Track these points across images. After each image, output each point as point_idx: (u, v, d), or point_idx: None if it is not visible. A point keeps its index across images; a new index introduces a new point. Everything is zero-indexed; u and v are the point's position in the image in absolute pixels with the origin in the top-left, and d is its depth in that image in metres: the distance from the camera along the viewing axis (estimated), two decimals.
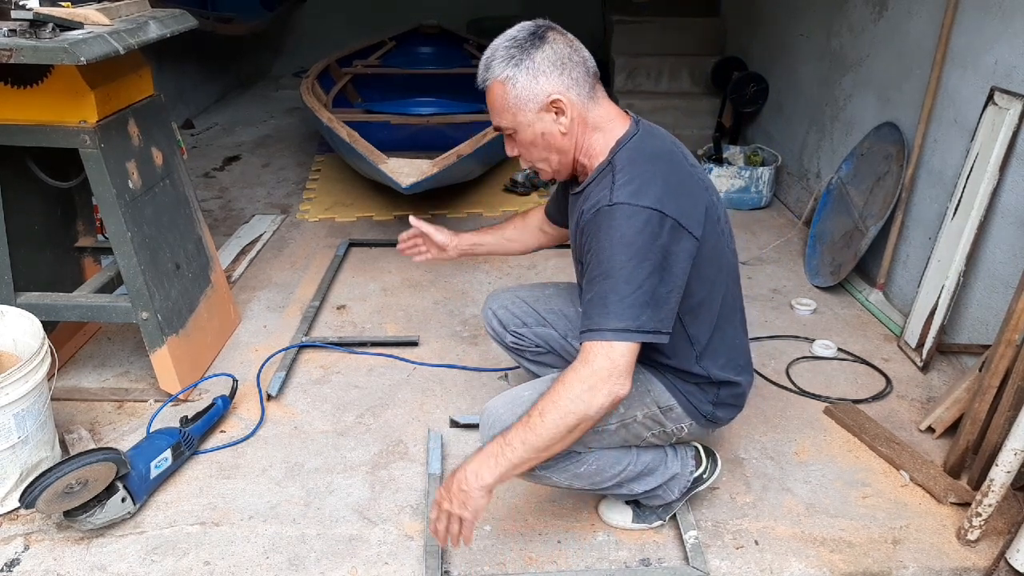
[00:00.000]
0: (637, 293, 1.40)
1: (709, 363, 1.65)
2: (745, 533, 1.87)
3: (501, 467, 1.42)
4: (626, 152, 1.51)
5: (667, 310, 1.45)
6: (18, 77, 2.01)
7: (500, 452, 1.42)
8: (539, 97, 1.48)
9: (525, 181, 4.25)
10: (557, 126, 1.51)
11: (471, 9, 7.13)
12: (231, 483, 2.01)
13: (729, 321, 1.70)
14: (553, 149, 1.55)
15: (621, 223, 1.42)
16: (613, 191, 1.45)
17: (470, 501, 1.43)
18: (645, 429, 1.68)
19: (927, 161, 2.83)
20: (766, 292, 3.14)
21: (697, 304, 1.58)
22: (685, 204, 1.47)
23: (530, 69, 1.47)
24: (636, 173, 1.47)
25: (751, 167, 4.06)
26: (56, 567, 1.74)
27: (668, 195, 1.45)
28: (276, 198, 4.13)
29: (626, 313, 1.40)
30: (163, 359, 2.28)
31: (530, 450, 1.41)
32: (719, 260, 1.60)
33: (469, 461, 1.45)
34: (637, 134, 1.54)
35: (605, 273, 1.42)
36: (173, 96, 5.42)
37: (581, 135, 1.54)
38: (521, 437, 1.41)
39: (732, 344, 1.71)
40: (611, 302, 1.41)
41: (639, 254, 1.41)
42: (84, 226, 2.61)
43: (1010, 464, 1.74)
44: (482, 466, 1.43)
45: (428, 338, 2.74)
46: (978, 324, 2.47)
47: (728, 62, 4.93)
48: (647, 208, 1.42)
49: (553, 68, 1.47)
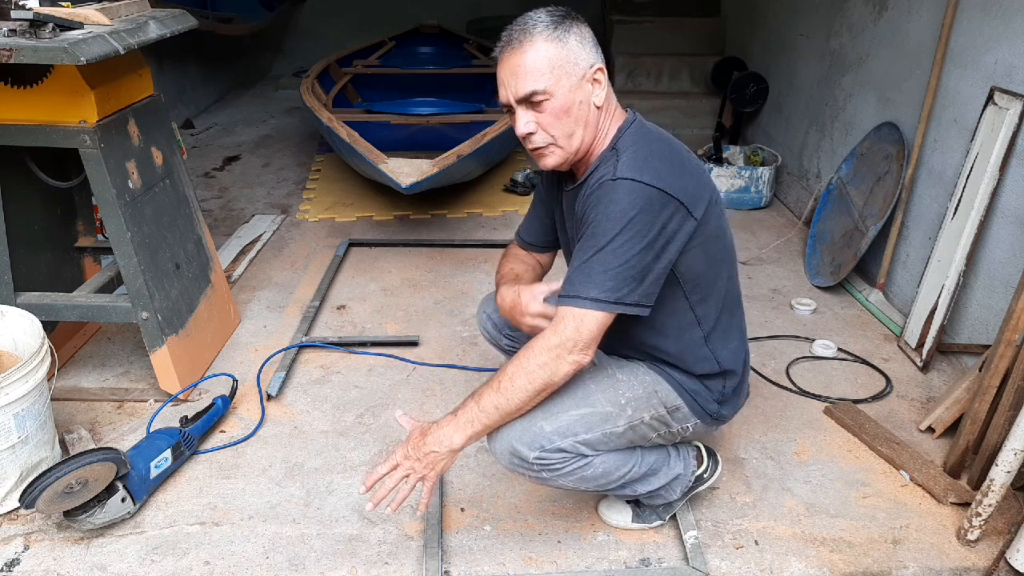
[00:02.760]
0: (624, 267, 1.43)
1: (718, 345, 1.66)
2: (745, 533, 1.87)
3: (474, 430, 1.50)
4: (629, 136, 1.54)
5: (652, 286, 1.48)
6: (18, 77, 2.01)
7: (474, 417, 1.49)
8: (584, 65, 1.48)
9: (525, 181, 4.25)
10: (595, 98, 1.52)
11: (471, 9, 7.13)
12: (231, 483, 2.01)
13: (736, 303, 1.72)
14: (582, 123, 1.51)
15: (622, 196, 1.43)
16: (617, 167, 1.47)
17: (439, 462, 1.51)
18: (651, 430, 1.68)
19: (927, 161, 2.83)
20: (766, 292, 3.14)
21: (706, 284, 1.59)
22: (688, 184, 1.49)
23: (579, 36, 1.48)
24: (641, 152, 1.49)
25: (751, 167, 4.06)
26: (56, 567, 1.74)
27: (672, 174, 1.47)
28: (276, 198, 4.13)
29: (608, 284, 1.43)
30: (163, 359, 2.28)
31: (503, 415, 1.50)
32: (724, 239, 1.62)
33: (440, 425, 1.51)
34: (635, 121, 1.58)
35: (597, 244, 1.44)
36: (173, 96, 5.42)
37: (607, 114, 1.56)
38: (494, 402, 1.49)
39: (740, 328, 1.73)
40: (595, 272, 1.44)
41: (634, 229, 1.42)
42: (84, 226, 2.61)
43: (1010, 464, 1.74)
44: (456, 431, 1.50)
45: (428, 338, 2.74)
46: (978, 324, 2.47)
47: (728, 62, 4.94)
48: (649, 185, 1.43)
49: (594, 43, 1.51)
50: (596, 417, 1.59)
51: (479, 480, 2.03)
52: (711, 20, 5.59)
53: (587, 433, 1.58)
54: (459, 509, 1.94)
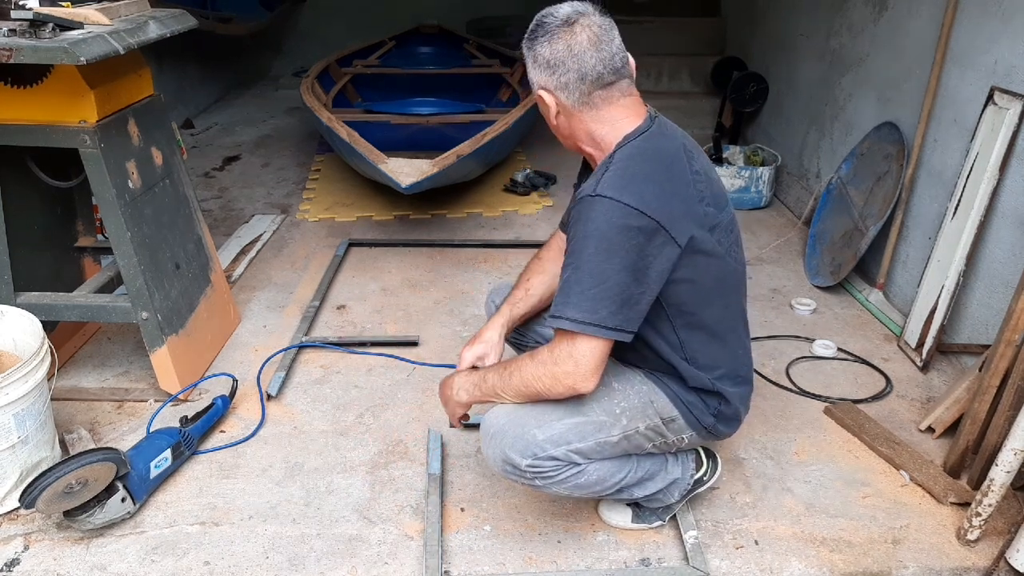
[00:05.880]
0: (600, 288, 1.41)
1: (703, 372, 1.64)
2: (745, 533, 1.87)
3: (475, 395, 1.65)
4: (627, 149, 1.51)
5: (635, 310, 1.46)
6: (18, 77, 2.01)
7: (480, 384, 1.64)
8: (536, 82, 1.56)
9: (525, 181, 4.25)
10: (547, 109, 1.57)
11: (471, 9, 7.13)
12: (231, 483, 2.01)
13: (731, 330, 1.69)
14: (560, 133, 1.62)
15: (598, 215, 1.42)
16: (600, 182, 1.44)
17: (450, 404, 1.71)
18: (647, 440, 1.67)
19: (927, 161, 2.83)
20: (766, 292, 3.14)
21: (691, 312, 1.57)
22: (675, 208, 1.46)
23: (532, 55, 1.54)
24: (628, 170, 1.46)
25: (751, 167, 4.06)
26: (56, 567, 1.74)
27: (656, 197, 1.43)
28: (276, 198, 4.13)
29: (585, 306, 1.42)
30: (163, 359, 2.28)
31: (498, 395, 1.61)
32: (720, 269, 1.58)
33: (462, 376, 1.69)
34: (646, 132, 1.53)
35: (575, 263, 1.44)
36: (173, 96, 5.42)
37: (568, 127, 1.59)
38: (493, 381, 1.61)
39: (732, 355, 1.69)
40: (573, 292, 1.43)
41: (610, 250, 1.41)
42: (84, 226, 2.61)
43: (1010, 464, 1.74)
44: (463, 387, 1.67)
45: (428, 338, 2.74)
46: (978, 324, 2.47)
47: (728, 62, 4.94)
48: (628, 206, 1.41)
49: (547, 67, 1.51)
50: (590, 426, 1.59)
51: (479, 480, 2.03)
52: (711, 20, 5.59)
53: (580, 442, 1.57)
54: (459, 509, 1.94)
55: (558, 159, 4.60)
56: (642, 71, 5.58)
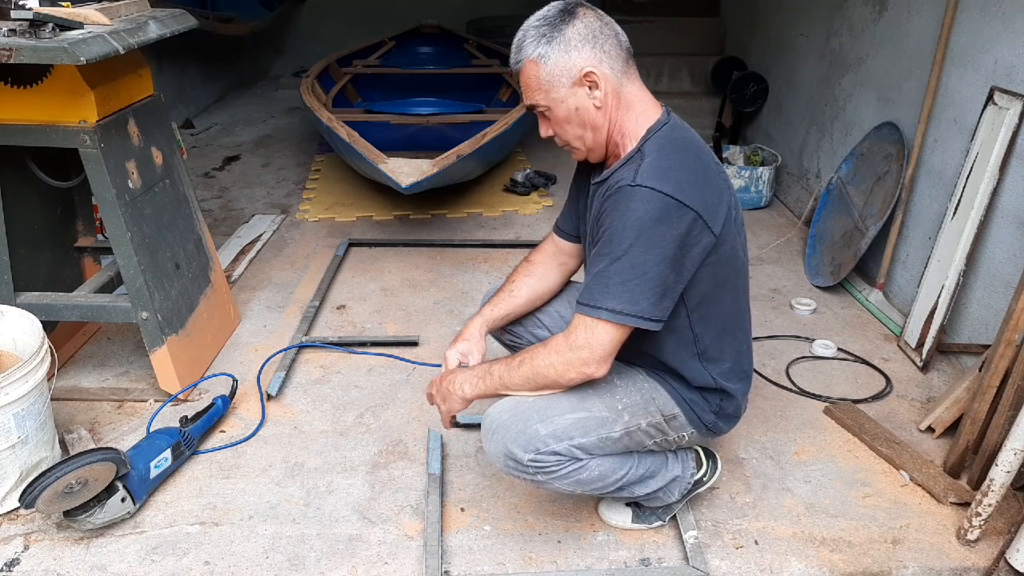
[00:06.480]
0: (642, 279, 1.41)
1: (712, 366, 1.65)
2: (745, 533, 1.87)
3: (480, 389, 1.62)
4: (656, 140, 1.50)
5: (668, 300, 1.46)
6: (18, 77, 2.01)
7: (485, 377, 1.61)
8: (572, 71, 1.47)
9: (525, 181, 4.25)
10: (591, 100, 1.50)
11: (471, 9, 7.13)
12: (231, 483, 2.01)
13: (739, 325, 1.70)
14: (588, 125, 1.53)
15: (639, 205, 1.41)
16: (638, 172, 1.44)
17: (450, 400, 1.65)
18: (648, 437, 1.68)
19: (927, 161, 2.83)
20: (766, 292, 3.14)
21: (708, 303, 1.58)
22: (709, 198, 1.47)
23: (562, 44, 1.46)
24: (664, 160, 1.46)
25: (751, 167, 4.06)
26: (56, 567, 1.74)
27: (693, 186, 1.44)
28: (276, 198, 4.13)
29: (625, 296, 1.42)
30: (163, 359, 2.28)
31: (505, 387, 1.59)
32: (735, 262, 1.60)
33: (464, 373, 1.65)
34: (668, 123, 1.53)
35: (613, 252, 1.43)
36: (173, 96, 5.42)
37: (615, 110, 1.53)
38: (500, 373, 1.59)
39: (738, 349, 1.70)
40: (613, 283, 1.42)
41: (651, 240, 1.41)
42: (84, 226, 2.61)
43: (1010, 464, 1.74)
44: (467, 382, 1.62)
45: (428, 338, 2.74)
46: (978, 324, 2.47)
47: (728, 62, 4.94)
48: (668, 196, 1.41)
49: (585, 42, 1.46)
50: (592, 421, 1.59)
51: (479, 480, 2.03)
52: (711, 20, 5.59)
53: (582, 437, 1.58)
54: (459, 509, 1.94)
55: (558, 159, 4.61)
56: (642, 71, 5.53)
